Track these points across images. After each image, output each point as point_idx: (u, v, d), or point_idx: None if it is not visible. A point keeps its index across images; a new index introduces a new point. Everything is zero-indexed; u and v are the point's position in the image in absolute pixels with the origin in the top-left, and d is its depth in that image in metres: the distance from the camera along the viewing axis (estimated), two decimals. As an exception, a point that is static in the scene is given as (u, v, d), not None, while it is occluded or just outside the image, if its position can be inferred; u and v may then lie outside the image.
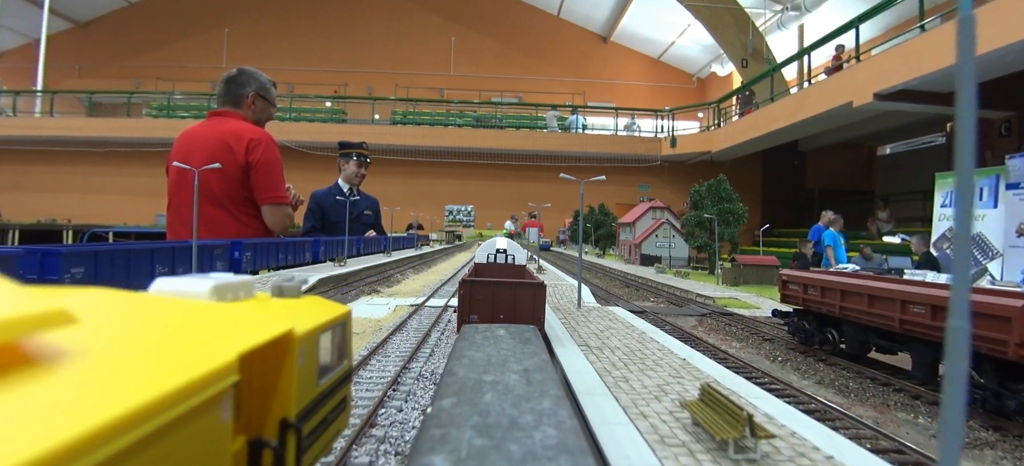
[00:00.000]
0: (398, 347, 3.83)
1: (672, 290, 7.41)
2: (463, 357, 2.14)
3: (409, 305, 5.21)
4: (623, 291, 7.70)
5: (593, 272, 10.31)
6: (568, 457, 1.21)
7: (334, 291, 5.80)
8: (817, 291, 4.42)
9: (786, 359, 4.59)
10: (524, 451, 1.23)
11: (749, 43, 22.75)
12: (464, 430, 1.35)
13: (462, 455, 1.20)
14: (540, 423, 1.43)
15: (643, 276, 8.96)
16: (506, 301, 3.32)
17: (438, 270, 9.28)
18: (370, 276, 7.62)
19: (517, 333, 2.66)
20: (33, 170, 25.41)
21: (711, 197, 9.32)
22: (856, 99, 13.10)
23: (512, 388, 1.73)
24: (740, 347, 5.01)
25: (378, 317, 4.69)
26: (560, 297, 5.92)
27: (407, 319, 4.59)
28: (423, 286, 6.83)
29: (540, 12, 34.26)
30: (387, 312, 4.89)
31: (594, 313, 4.90)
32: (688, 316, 5.83)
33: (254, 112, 6.57)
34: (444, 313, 4.99)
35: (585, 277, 8.72)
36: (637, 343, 3.81)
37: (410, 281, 7.48)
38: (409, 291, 6.38)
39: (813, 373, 4.29)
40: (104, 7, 32.83)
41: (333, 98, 29.00)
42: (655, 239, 11.00)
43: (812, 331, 4.59)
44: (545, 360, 2.18)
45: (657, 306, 6.44)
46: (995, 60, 10.36)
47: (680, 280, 8.14)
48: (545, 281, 5.78)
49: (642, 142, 26.60)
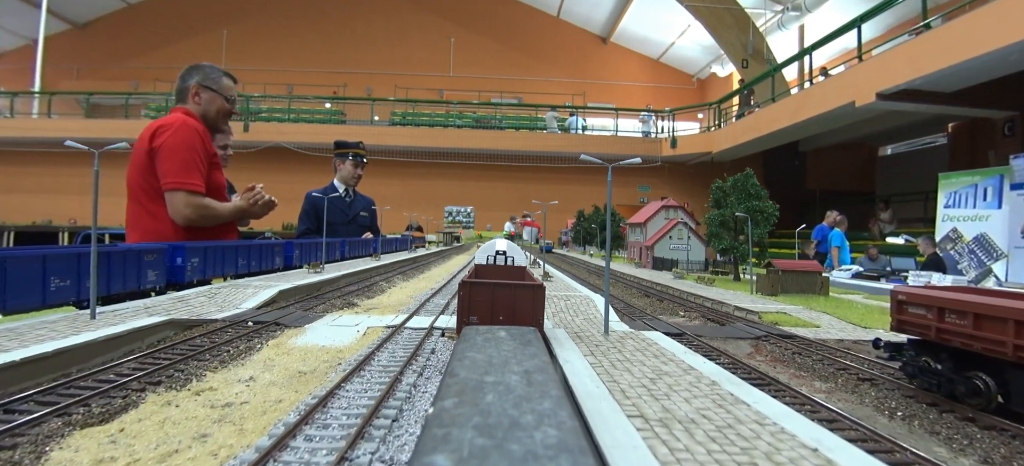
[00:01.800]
0: (348, 406, 2.38)
1: (700, 301, 6.25)
2: (464, 358, 2.14)
3: (385, 327, 3.94)
4: (644, 302, 6.53)
5: (599, 276, 9.25)
6: (568, 457, 1.22)
7: (298, 306, 4.71)
8: (965, 320, 3.00)
9: (911, 414, 3.00)
10: (525, 451, 1.25)
11: (749, 43, 22.68)
12: (466, 430, 1.36)
13: (464, 454, 1.21)
14: (541, 423, 1.44)
15: (661, 282, 7.80)
16: (506, 302, 3.28)
17: (431, 276, 8.20)
18: (350, 284, 6.44)
19: (518, 335, 2.65)
20: (31, 171, 25.34)
21: (737, 193, 8.32)
22: (858, 99, 13.02)
23: (513, 389, 1.74)
24: (829, 391, 3.36)
25: (340, 346, 3.40)
26: (575, 314, 4.65)
27: (377, 349, 3.28)
28: (410, 297, 5.72)
29: (539, 13, 34.21)
30: (354, 337, 3.64)
31: (628, 342, 3.51)
32: (738, 339, 4.33)
33: (199, 105, 6.27)
34: (428, 337, 3.66)
35: (595, 283, 8.03)
36: (717, 407, 2.35)
37: (397, 290, 6.34)
38: (392, 304, 5.22)
39: (968, 443, 2.62)
40: (103, 8, 32.76)
41: (332, 99, 28.93)
42: (668, 241, 10.17)
43: (948, 376, 3.14)
44: (546, 362, 2.17)
45: (691, 322, 5.08)
46: (999, 59, 10.28)
47: (705, 288, 6.95)
48: (552, 290, 5.27)
49: (642, 143, 26.52)
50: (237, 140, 28.76)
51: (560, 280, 7.13)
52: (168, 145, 5.60)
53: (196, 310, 4.38)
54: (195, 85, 6.22)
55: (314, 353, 3.23)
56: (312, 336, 3.70)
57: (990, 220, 10.66)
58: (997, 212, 10.58)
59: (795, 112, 16.42)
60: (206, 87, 6.27)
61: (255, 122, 25.20)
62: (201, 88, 6.24)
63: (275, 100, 28.04)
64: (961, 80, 11.61)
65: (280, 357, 3.20)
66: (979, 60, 10.24)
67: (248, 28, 32.83)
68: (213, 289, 5.21)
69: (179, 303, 4.58)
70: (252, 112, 25.97)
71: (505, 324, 3.09)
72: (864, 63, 13.45)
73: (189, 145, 5.68)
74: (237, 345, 3.45)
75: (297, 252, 7.30)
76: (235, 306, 4.61)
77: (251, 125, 24.77)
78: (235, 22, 32.78)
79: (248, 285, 5.44)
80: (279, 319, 4.15)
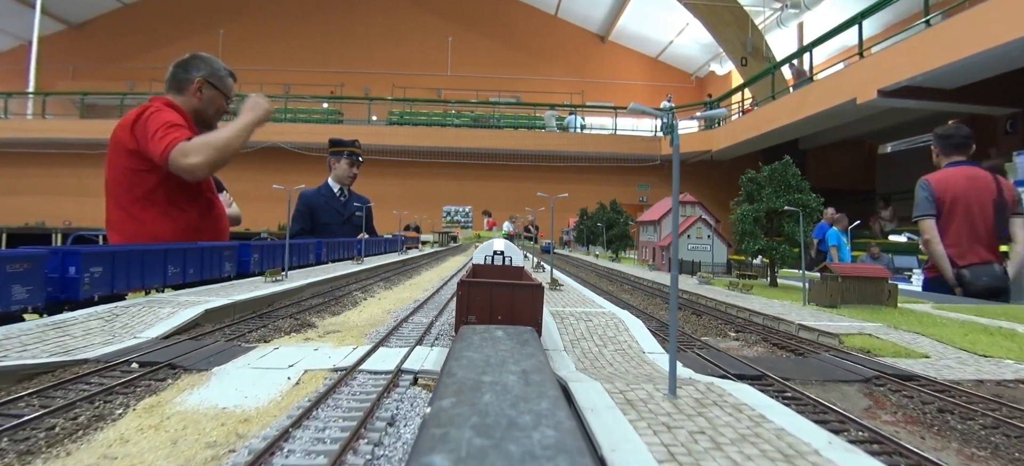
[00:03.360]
0: None
1: (747, 316, 4.87)
2: (462, 358, 2.11)
3: (332, 370, 2.45)
4: (666, 316, 4.77)
5: (618, 283, 8.14)
6: (566, 457, 1.23)
7: (227, 331, 3.40)
8: None
9: None
10: (523, 451, 1.25)
11: (748, 41, 22.62)
12: (463, 430, 1.36)
13: (462, 454, 1.22)
14: (539, 423, 1.44)
15: (687, 290, 6.48)
16: (504, 302, 3.21)
17: (419, 283, 6.95)
18: (315, 296, 4.97)
19: (515, 334, 2.59)
20: (27, 173, 25.22)
21: (774, 185, 7.20)
22: (860, 96, 12.94)
23: (511, 389, 1.73)
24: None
25: (247, 411, 1.98)
26: (604, 343, 3.20)
27: (305, 416, 1.84)
28: (388, 312, 4.36)
29: (537, 11, 34.15)
30: (280, 390, 2.20)
31: (712, 411, 1.82)
32: (838, 382, 2.94)
33: (200, 101, 5.60)
34: (389, 392, 2.19)
35: (610, 291, 6.65)
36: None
37: (374, 302, 4.93)
38: (361, 324, 3.77)
39: None
40: (98, 8, 32.63)
41: (330, 99, 28.84)
42: (687, 240, 9.21)
43: None
44: (543, 361, 2.13)
45: (751, 349, 3.70)
46: (1000, 55, 10.21)
47: (743, 297, 5.75)
48: (564, 304, 4.23)
49: (641, 141, 26.47)
50: (233, 140, 28.10)
51: (572, 289, 5.80)
52: (144, 120, 5.02)
53: (67, 344, 2.95)
54: (201, 79, 5.60)
55: (201, 425, 1.84)
56: (215, 389, 2.25)
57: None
58: (1000, 209, 10.47)
59: (796, 109, 16.35)
60: (211, 85, 5.68)
61: (252, 122, 25.06)
62: (206, 84, 5.63)
63: (272, 100, 27.92)
64: (963, 77, 11.54)
65: (139, 437, 1.74)
66: (981, 56, 10.17)
67: (245, 28, 32.72)
68: (118, 309, 3.79)
69: (42, 335, 3.02)
70: (249, 112, 25.84)
71: (504, 323, 3.03)
72: (865, 60, 13.37)
73: (168, 111, 5.11)
74: (85, 410, 1.97)
75: (255, 256, 6.02)
76: (134, 335, 3.24)
77: (248, 125, 24.62)
78: (232, 22, 32.66)
79: (170, 302, 4.05)
80: (180, 357, 2.72)
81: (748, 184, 7.69)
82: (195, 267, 5.04)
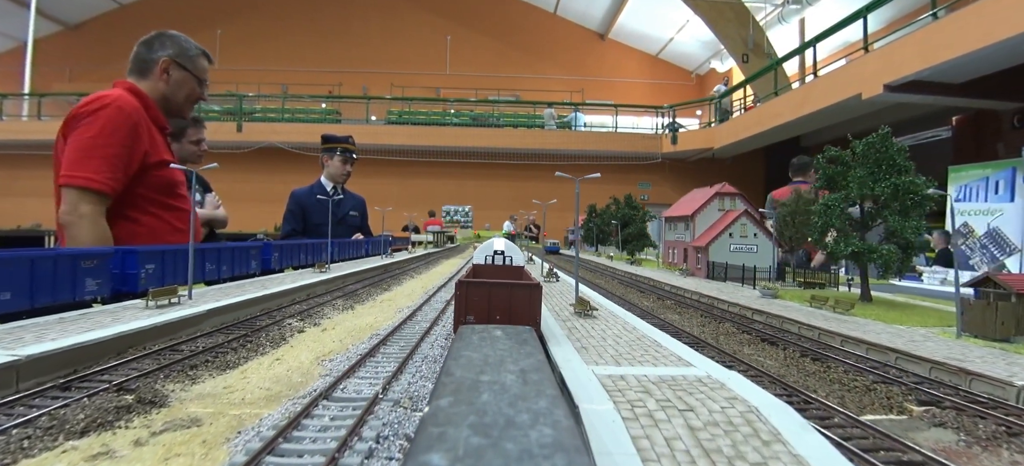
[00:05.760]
0: None
1: (890, 361, 3.43)
2: (460, 357, 2.15)
3: None
4: (776, 364, 3.53)
5: (653, 296, 6.63)
6: (563, 455, 1.24)
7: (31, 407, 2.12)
8: None
9: None
10: (520, 449, 1.26)
11: (749, 38, 22.41)
12: (461, 429, 1.38)
13: (459, 453, 1.23)
14: (536, 422, 1.46)
15: (746, 306, 5.09)
16: (503, 302, 3.22)
17: (394, 299, 5.48)
18: (217, 331, 3.65)
19: (514, 334, 2.66)
20: (24, 174, 25.04)
21: (869, 166, 5.44)
22: (865, 91, 12.75)
23: (509, 388, 1.76)
24: None
25: None
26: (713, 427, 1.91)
27: None
28: (317, 361, 3.00)
29: (536, 9, 33.95)
30: None
31: None
32: None
33: (166, 84, 5.05)
34: None
35: (632, 300, 5.44)
36: None
37: (307, 340, 3.59)
38: (252, 400, 2.35)
39: None
40: (94, 9, 32.44)
41: (328, 98, 28.64)
42: (728, 240, 7.55)
43: None
44: (541, 361, 2.19)
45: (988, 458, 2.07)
46: (1007, 50, 10.04)
47: (845, 322, 4.06)
48: (608, 361, 2.85)
49: (642, 139, 26.30)
50: (230, 140, 28.52)
51: (607, 312, 4.31)
52: (78, 134, 4.54)
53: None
54: (166, 60, 5.05)
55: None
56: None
57: (1003, 215, 10.37)
58: (1010, 206, 10.29)
59: (799, 105, 16.15)
60: (180, 65, 5.11)
61: (249, 122, 24.89)
62: (173, 64, 5.08)
63: (269, 100, 27.76)
64: (970, 71, 11.35)
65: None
66: (989, 50, 9.98)
67: (242, 28, 32.51)
68: None
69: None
70: (246, 112, 25.67)
71: (502, 323, 3.08)
72: (870, 54, 13.17)
73: (109, 131, 4.52)
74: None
75: (143, 272, 4.44)
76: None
77: (244, 125, 24.45)
78: (229, 22, 32.46)
79: None
80: None
81: (828, 166, 6.07)
82: (47, 288, 3.72)
